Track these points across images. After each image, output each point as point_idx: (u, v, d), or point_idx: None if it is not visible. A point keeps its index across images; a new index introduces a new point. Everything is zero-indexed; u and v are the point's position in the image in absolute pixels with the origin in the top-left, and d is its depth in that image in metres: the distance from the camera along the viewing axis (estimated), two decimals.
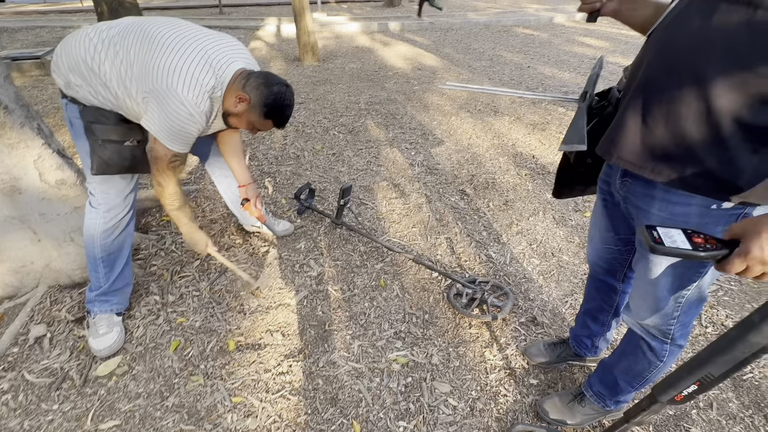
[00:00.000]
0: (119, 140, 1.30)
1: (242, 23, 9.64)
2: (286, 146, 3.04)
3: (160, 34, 1.16)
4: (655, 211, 0.77)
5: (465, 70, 5.34)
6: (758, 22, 0.56)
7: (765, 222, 0.55)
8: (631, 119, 0.74)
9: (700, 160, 0.67)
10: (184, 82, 1.13)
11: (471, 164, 2.76)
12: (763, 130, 0.61)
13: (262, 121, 1.27)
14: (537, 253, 1.93)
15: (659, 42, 0.70)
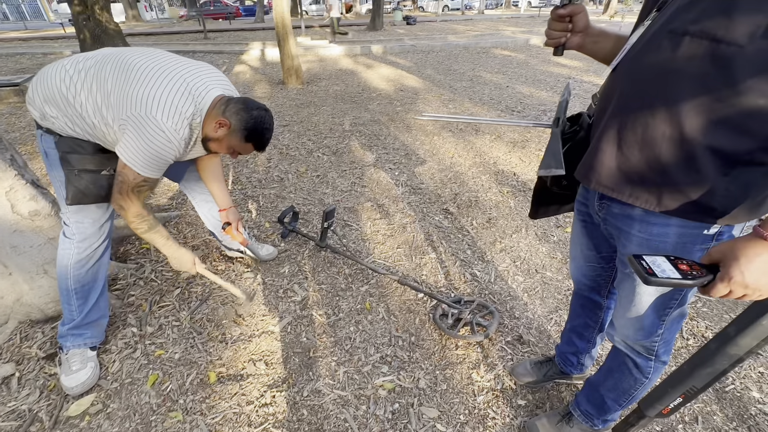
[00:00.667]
0: (96, 169, 1.28)
1: (226, 48, 9.76)
2: (270, 169, 3.04)
3: (138, 63, 1.17)
4: (635, 232, 0.79)
5: (446, 90, 5.49)
6: (721, 55, 0.59)
7: (740, 247, 0.58)
8: (607, 146, 0.76)
9: (674, 183, 0.69)
10: (163, 109, 1.13)
11: (454, 183, 2.80)
12: (730, 154, 0.64)
13: (243, 144, 1.29)
14: (521, 270, 1.95)
15: (630, 72, 0.72)
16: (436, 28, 15.31)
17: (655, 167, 0.70)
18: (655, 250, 0.78)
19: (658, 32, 0.67)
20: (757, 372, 1.42)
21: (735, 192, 0.67)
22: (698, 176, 0.67)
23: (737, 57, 0.58)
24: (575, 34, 0.87)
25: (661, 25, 0.67)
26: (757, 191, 0.67)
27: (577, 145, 0.90)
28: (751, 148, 0.63)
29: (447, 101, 4.92)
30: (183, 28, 16.98)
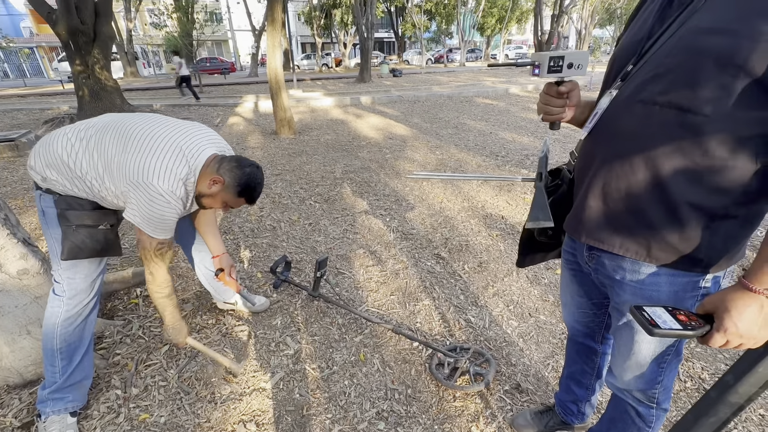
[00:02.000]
0: (93, 225, 1.31)
1: (221, 101, 10.16)
2: (263, 218, 3.07)
3: (136, 132, 1.24)
4: (628, 282, 0.82)
5: (433, 137, 5.73)
6: (689, 123, 0.66)
7: (730, 298, 0.62)
8: (594, 201, 0.81)
9: (661, 236, 0.74)
10: (158, 175, 1.19)
11: (444, 227, 2.85)
12: (709, 209, 0.69)
13: (236, 199, 1.35)
14: (514, 314, 1.94)
15: (609, 136, 0.78)
16: (421, 79, 16.26)
17: (642, 221, 0.75)
18: (649, 300, 0.80)
19: (629, 101, 0.73)
20: (758, 414, 1.41)
21: (717, 243, 0.72)
22: (683, 229, 0.72)
23: (704, 125, 0.65)
24: (569, 108, 0.87)
25: (631, 95, 0.73)
26: (734, 241, 0.72)
27: (560, 198, 0.96)
28: (726, 203, 0.68)
29: (434, 148, 5.13)
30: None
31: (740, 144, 0.64)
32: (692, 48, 0.65)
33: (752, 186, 0.67)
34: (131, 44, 23.80)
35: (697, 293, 0.78)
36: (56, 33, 6.96)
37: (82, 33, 6.96)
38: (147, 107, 9.15)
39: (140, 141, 1.21)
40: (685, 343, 0.87)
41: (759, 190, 0.67)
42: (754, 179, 0.66)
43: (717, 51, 0.61)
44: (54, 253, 1.30)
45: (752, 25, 0.59)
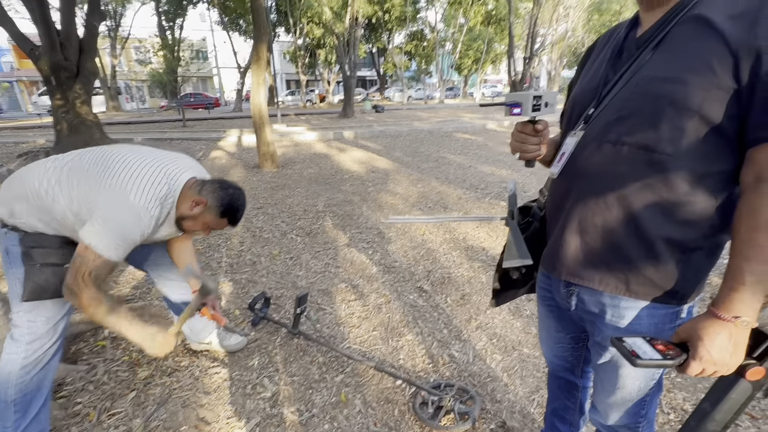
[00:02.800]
0: (59, 263, 1.25)
1: (204, 135, 10.19)
2: (243, 252, 3.01)
3: (117, 155, 1.24)
4: (609, 317, 0.83)
5: (414, 171, 5.86)
6: (656, 161, 0.70)
7: (701, 327, 0.65)
8: (571, 238, 0.83)
9: (638, 270, 0.76)
10: (136, 190, 1.17)
11: (426, 260, 2.86)
12: (681, 243, 0.73)
13: (218, 220, 1.35)
14: (498, 348, 1.93)
15: (581, 174, 0.81)
16: (403, 115, 16.83)
17: (619, 256, 0.77)
18: (630, 333, 0.82)
19: (598, 142, 0.77)
20: None
21: (689, 275, 0.75)
22: (658, 263, 0.74)
23: (667, 163, 0.69)
24: (543, 146, 0.89)
25: (598, 136, 0.77)
26: (703, 272, 0.76)
27: (532, 235, 0.99)
28: (694, 236, 0.72)
29: (416, 181, 5.23)
30: (162, 117, 17.79)
31: (701, 181, 0.69)
32: (650, 93, 0.70)
33: (715, 219, 0.71)
34: (114, 79, 23.95)
35: (675, 324, 0.79)
36: (38, 68, 6.96)
37: (64, 69, 6.98)
38: (127, 141, 9.09)
39: (122, 161, 1.21)
40: (665, 374, 0.88)
41: (720, 223, 0.71)
42: (716, 213, 0.70)
43: (672, 97, 0.67)
44: (14, 295, 1.23)
45: (700, 76, 0.64)
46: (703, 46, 0.64)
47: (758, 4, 0.60)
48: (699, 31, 0.66)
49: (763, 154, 0.63)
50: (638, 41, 0.77)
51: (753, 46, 0.60)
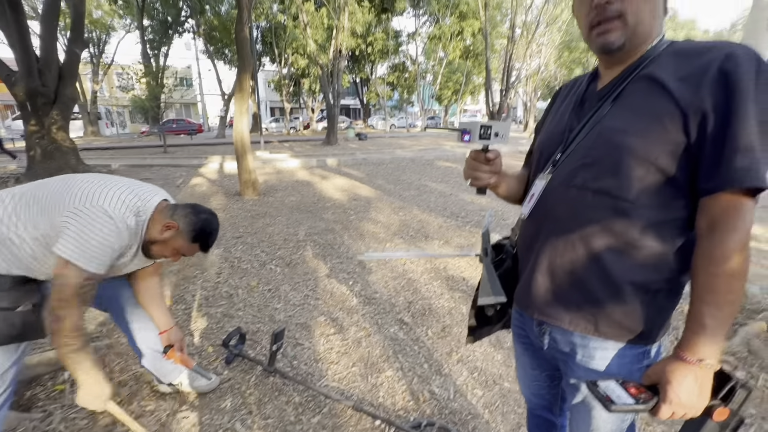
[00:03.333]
0: (10, 307, 1.18)
1: (185, 161, 10.09)
2: (219, 284, 2.93)
3: (82, 179, 1.22)
4: (579, 356, 0.84)
5: (396, 199, 5.92)
6: (620, 208, 0.73)
7: (669, 370, 0.67)
8: (542, 279, 0.85)
9: (606, 312, 0.78)
10: (110, 200, 1.16)
11: (407, 291, 2.84)
12: (646, 285, 0.75)
13: (189, 245, 1.32)
14: (479, 382, 1.90)
15: (550, 217, 0.83)
16: (385, 143, 17.16)
17: (587, 297, 0.79)
18: (600, 373, 0.82)
19: (565, 186, 0.80)
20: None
21: (654, 315, 0.77)
22: (624, 305, 0.76)
23: (629, 209, 0.72)
24: (494, 175, 0.93)
25: (565, 181, 0.80)
26: (667, 312, 0.79)
27: (506, 272, 1.00)
28: (657, 278, 0.75)
29: (397, 209, 5.27)
30: (143, 143, 17.57)
31: (660, 226, 0.72)
32: (611, 143, 0.74)
33: (675, 262, 0.74)
34: (95, 105, 23.69)
35: (643, 364, 0.81)
36: (13, 94, 6.83)
37: (41, 95, 6.87)
38: (104, 167, 8.89)
39: (88, 183, 1.19)
40: (637, 416, 0.88)
41: (680, 265, 0.74)
42: (675, 256, 0.73)
43: (630, 148, 0.71)
44: None
45: (655, 131, 0.69)
46: (656, 103, 0.69)
47: (701, 70, 0.65)
48: (652, 90, 0.71)
49: (714, 203, 0.67)
50: (599, 93, 0.82)
51: (699, 107, 0.65)
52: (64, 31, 17.48)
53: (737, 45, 0.65)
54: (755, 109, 0.62)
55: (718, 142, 0.64)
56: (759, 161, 0.62)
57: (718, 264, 0.65)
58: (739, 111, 0.62)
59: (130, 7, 20.84)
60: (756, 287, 2.65)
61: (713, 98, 0.64)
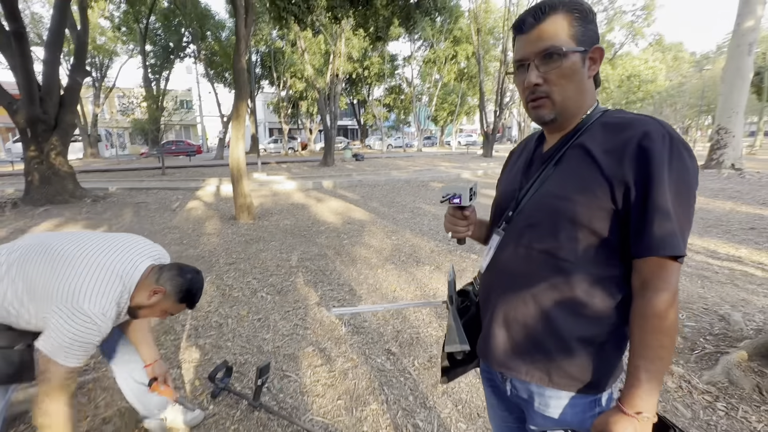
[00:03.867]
0: (8, 345, 1.23)
1: (182, 184, 10.19)
2: (210, 314, 2.94)
3: (65, 251, 1.24)
4: (536, 404, 0.88)
5: (390, 222, 5.98)
6: (561, 267, 0.79)
7: (612, 421, 0.72)
8: (499, 332, 0.90)
9: (557, 364, 0.82)
10: (89, 298, 1.17)
11: (396, 319, 2.86)
12: (592, 339, 0.80)
13: (176, 305, 1.37)
14: (463, 415, 1.91)
15: (503, 273, 0.90)
16: (382, 163, 17.37)
17: (540, 350, 0.84)
18: (556, 421, 0.86)
19: (515, 245, 0.87)
20: None
21: (602, 366, 0.81)
22: (574, 357, 0.81)
23: (570, 268, 0.78)
24: (471, 227, 1.00)
25: (514, 239, 0.87)
26: (614, 363, 0.83)
27: (471, 319, 1.05)
28: (601, 332, 0.80)
29: (390, 233, 5.33)
30: (141, 165, 17.73)
31: (599, 283, 0.78)
32: (551, 207, 0.81)
33: (616, 316, 0.79)
34: (95, 127, 24.01)
35: (595, 411, 0.85)
36: (14, 121, 6.97)
37: (42, 122, 7.02)
38: (102, 190, 8.97)
39: (70, 262, 1.21)
40: None
41: (621, 319, 0.79)
42: (616, 311, 0.79)
43: (567, 213, 0.77)
44: None
45: (587, 198, 0.76)
46: (587, 172, 0.76)
47: (623, 144, 0.73)
48: (584, 159, 0.78)
49: (644, 265, 0.73)
50: (543, 156, 0.89)
51: (623, 179, 0.72)
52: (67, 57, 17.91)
53: (653, 122, 0.73)
54: (670, 183, 0.69)
55: (641, 212, 0.70)
56: (676, 231, 0.68)
57: (649, 321, 0.71)
58: (657, 185, 0.69)
59: (133, 33, 21.45)
60: (738, 314, 2.69)
61: (634, 172, 0.71)
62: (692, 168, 0.72)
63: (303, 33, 15.94)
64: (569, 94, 0.80)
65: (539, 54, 0.78)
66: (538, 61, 0.78)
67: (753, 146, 19.00)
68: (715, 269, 3.77)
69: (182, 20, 20.33)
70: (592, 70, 0.80)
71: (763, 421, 1.77)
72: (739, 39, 9.97)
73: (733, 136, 10.37)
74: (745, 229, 5.18)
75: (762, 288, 3.28)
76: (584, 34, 0.77)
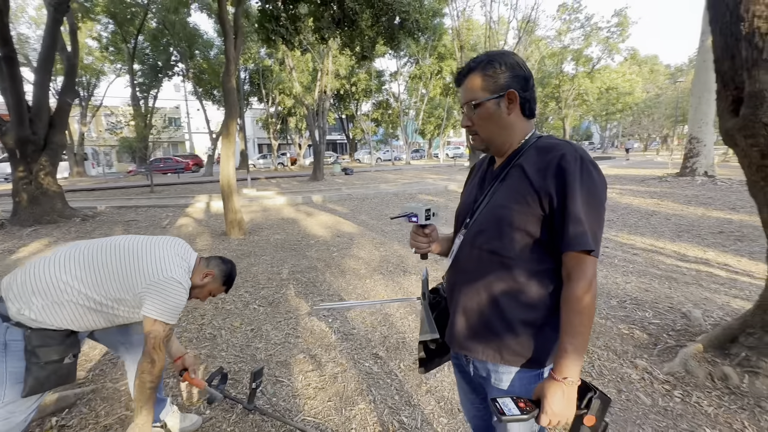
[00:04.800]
0: (59, 359, 1.38)
1: (171, 201, 10.22)
2: (203, 326, 3.05)
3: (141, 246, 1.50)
4: (493, 380, 1.04)
5: (378, 234, 6.14)
6: (505, 264, 0.97)
7: (546, 388, 0.89)
8: (459, 319, 1.07)
9: (506, 344, 0.99)
10: (174, 269, 1.47)
11: (383, 325, 3.01)
12: (533, 322, 0.97)
13: (220, 287, 1.70)
14: (445, 410, 2.06)
15: (461, 270, 1.07)
16: (371, 177, 17.61)
17: (492, 333, 1.01)
18: (507, 393, 1.03)
19: (470, 247, 1.05)
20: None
21: (542, 345, 0.99)
22: (519, 338, 0.99)
23: (513, 264, 0.97)
24: (433, 244, 1.20)
25: (470, 242, 1.05)
26: (553, 341, 1.00)
27: (441, 312, 1.22)
28: (540, 316, 0.97)
29: (378, 245, 5.49)
30: (129, 183, 17.65)
31: (536, 276, 0.96)
32: (496, 215, 1.00)
33: (552, 303, 0.97)
34: (82, 146, 23.85)
35: (539, 383, 1.02)
36: (3, 143, 7.01)
37: (31, 143, 7.07)
38: (91, 209, 8.96)
39: (150, 251, 1.48)
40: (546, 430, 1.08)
41: (557, 304, 0.97)
42: (551, 298, 0.97)
43: (507, 218, 0.96)
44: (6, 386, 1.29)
45: (522, 207, 0.95)
46: (523, 186, 0.96)
47: (547, 164, 0.93)
48: (521, 176, 0.97)
49: (567, 259, 0.91)
50: (493, 173, 1.09)
51: (547, 191, 0.91)
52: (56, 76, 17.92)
53: (569, 147, 0.93)
54: (581, 193, 0.88)
55: (561, 217, 0.90)
56: (587, 231, 0.88)
57: (571, 303, 0.89)
58: (571, 195, 0.88)
59: (121, 53, 21.59)
60: (699, 311, 2.91)
61: (554, 185, 0.90)
62: (599, 182, 0.92)
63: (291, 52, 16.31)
64: (491, 129, 1.02)
65: (465, 104, 1.02)
66: (466, 109, 1.03)
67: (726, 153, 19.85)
68: (683, 271, 4.01)
69: (170, 40, 20.58)
70: (510, 109, 1.00)
71: (713, 405, 1.96)
72: (704, 54, 10.58)
73: (704, 145, 10.90)
74: (714, 233, 5.49)
75: (724, 287, 3.52)
76: (495, 84, 0.98)
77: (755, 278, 3.67)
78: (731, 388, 2.04)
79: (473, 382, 1.22)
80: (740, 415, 1.89)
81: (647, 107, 34.44)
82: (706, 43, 10.43)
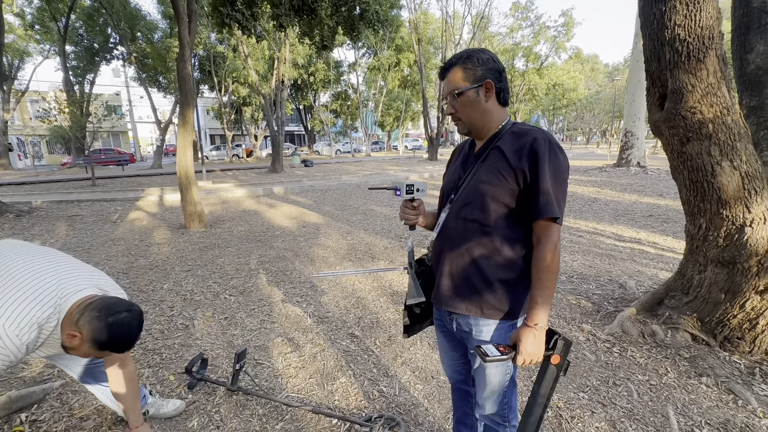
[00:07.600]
0: None
1: (119, 195, 9.58)
2: (173, 317, 3.00)
3: (13, 259, 1.26)
4: (474, 333, 1.21)
5: (344, 224, 6.23)
6: (486, 232, 1.14)
7: (521, 333, 1.07)
8: (445, 280, 1.23)
9: (485, 300, 1.17)
10: (11, 311, 1.14)
11: (357, 308, 3.14)
12: (508, 280, 1.15)
13: (99, 353, 1.26)
14: (420, 378, 2.24)
15: (448, 238, 1.23)
16: (331, 169, 17.51)
17: (473, 291, 1.18)
18: (486, 341, 1.21)
19: (455, 218, 1.21)
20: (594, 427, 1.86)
21: (516, 300, 1.17)
22: (496, 294, 1.16)
23: (492, 231, 1.13)
24: (420, 216, 1.34)
25: (455, 214, 1.21)
26: (523, 298, 1.18)
27: (426, 280, 1.37)
28: (514, 276, 1.15)
29: (345, 234, 5.58)
30: (65, 176, 16.16)
31: (511, 241, 1.14)
32: (479, 189, 1.16)
33: (524, 264, 1.15)
34: (5, 135, 21.40)
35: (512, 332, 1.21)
36: None
37: None
38: (25, 204, 8.17)
39: (14, 269, 1.21)
40: (515, 372, 1.27)
41: (527, 267, 1.15)
42: (524, 260, 1.15)
43: (489, 193, 1.13)
44: None
45: (501, 182, 1.11)
46: (501, 165, 1.13)
47: (521, 146, 1.10)
48: (499, 156, 1.14)
49: (537, 226, 1.10)
50: (475, 155, 1.25)
51: (522, 169, 1.08)
52: None
53: (540, 132, 1.11)
54: (549, 171, 1.06)
55: (532, 190, 1.07)
56: (553, 202, 1.06)
57: (540, 262, 1.08)
58: (542, 173, 1.06)
59: (49, 32, 19.51)
60: (633, 282, 3.34)
61: (528, 164, 1.08)
62: (564, 162, 1.11)
63: (246, 39, 15.66)
64: (472, 115, 1.18)
65: (449, 94, 1.18)
66: (450, 98, 1.18)
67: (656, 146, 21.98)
68: (620, 249, 4.52)
69: (108, 20, 18.90)
70: (488, 97, 1.16)
71: (644, 357, 2.31)
72: (638, 55, 11.63)
73: (637, 138, 12.03)
74: (645, 216, 6.17)
75: (653, 262, 4.04)
76: (474, 75, 1.14)
77: (677, 253, 4.23)
78: (658, 342, 2.41)
79: (454, 339, 1.39)
80: (665, 362, 2.25)
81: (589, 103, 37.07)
82: (639, 45, 11.48)
